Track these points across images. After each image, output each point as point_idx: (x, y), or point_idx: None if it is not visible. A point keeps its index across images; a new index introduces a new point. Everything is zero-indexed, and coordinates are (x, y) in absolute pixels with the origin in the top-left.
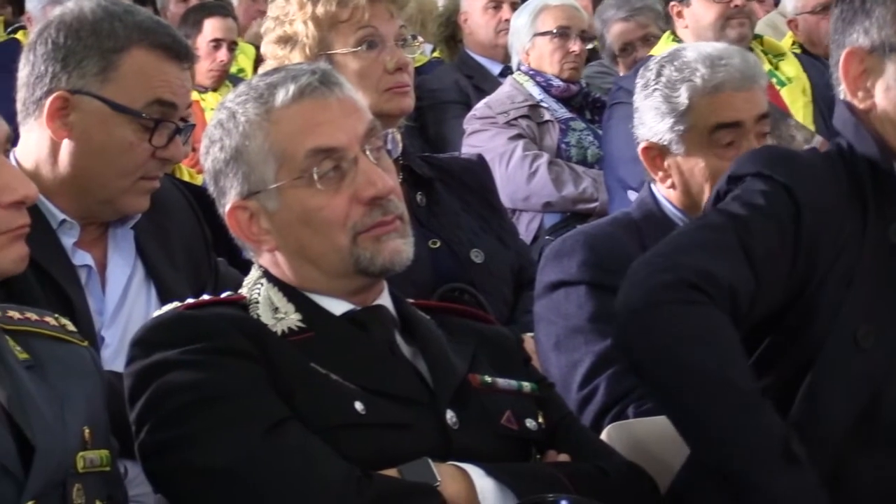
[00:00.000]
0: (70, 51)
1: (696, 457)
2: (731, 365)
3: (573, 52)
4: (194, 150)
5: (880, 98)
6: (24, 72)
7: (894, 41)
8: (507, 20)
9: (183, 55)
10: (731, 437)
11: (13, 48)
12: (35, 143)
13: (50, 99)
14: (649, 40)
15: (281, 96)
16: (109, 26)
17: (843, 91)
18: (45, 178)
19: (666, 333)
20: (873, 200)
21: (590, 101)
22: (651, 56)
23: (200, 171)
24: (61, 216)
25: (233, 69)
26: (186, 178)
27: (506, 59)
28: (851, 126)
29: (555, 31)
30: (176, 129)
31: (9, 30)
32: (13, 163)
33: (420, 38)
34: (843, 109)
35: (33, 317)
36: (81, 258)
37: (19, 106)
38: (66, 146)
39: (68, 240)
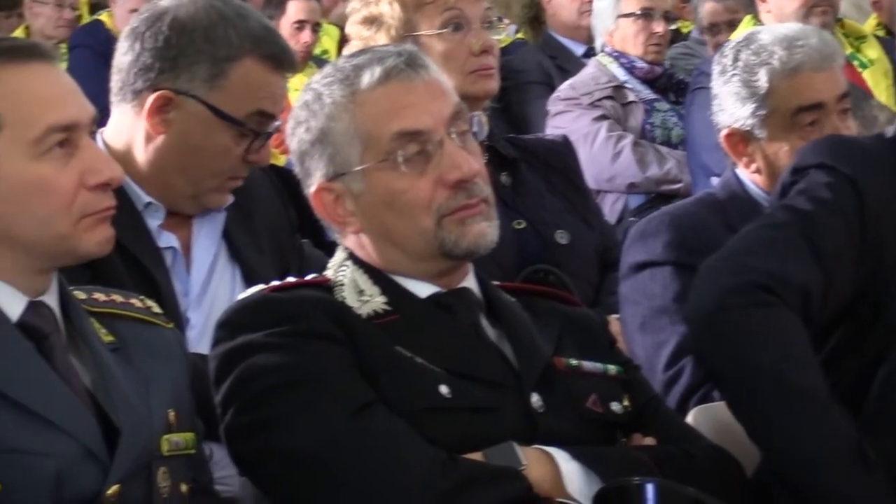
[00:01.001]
0: (182, 52)
1: (769, 464)
2: (801, 368)
3: (657, 33)
4: (279, 131)
5: None
6: (125, 57)
7: None
8: (590, 1)
9: (289, 66)
10: (802, 442)
11: (98, 29)
12: (128, 130)
13: (154, 95)
14: (735, 26)
15: (367, 78)
16: (224, 33)
17: None
18: (133, 163)
19: (736, 338)
20: None
21: (674, 82)
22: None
23: (284, 152)
24: (147, 198)
25: (316, 50)
26: (271, 159)
27: (589, 40)
28: None
29: (638, 12)
30: (267, 135)
31: (93, 10)
32: (100, 143)
33: (505, 20)
34: None
35: (119, 299)
36: (167, 240)
37: (114, 87)
38: (161, 141)
39: (153, 222)
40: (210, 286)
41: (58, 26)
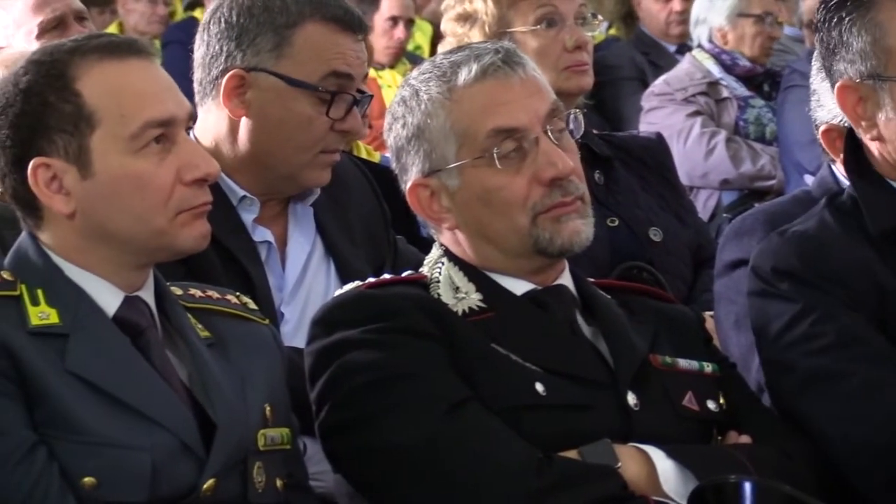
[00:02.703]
0: (243, 29)
1: None
2: None
3: (775, 37)
4: (371, 126)
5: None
6: (199, 52)
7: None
8: (678, 12)
9: (356, 26)
10: None
11: (191, 26)
12: (213, 123)
13: (226, 78)
14: None
15: (464, 75)
16: (281, 2)
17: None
18: (224, 156)
19: None
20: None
21: (769, 75)
22: None
23: (378, 149)
24: (241, 192)
25: (409, 46)
26: (364, 155)
27: (680, 41)
28: None
29: (762, 14)
30: (353, 101)
31: (187, 7)
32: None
33: (600, 17)
34: None
35: (215, 295)
36: (262, 234)
37: (196, 87)
38: (245, 124)
39: (248, 216)
40: (305, 281)
41: (151, 22)
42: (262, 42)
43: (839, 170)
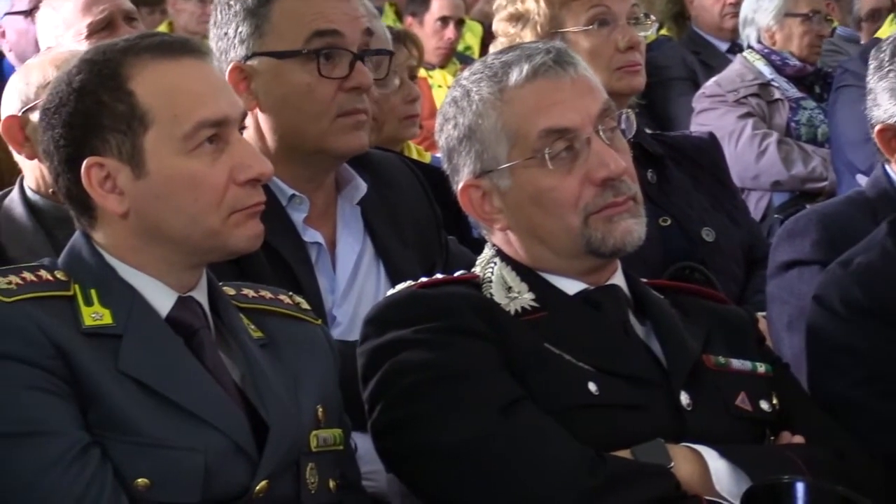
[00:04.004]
0: (227, 23)
1: None
2: None
3: (824, 35)
4: (421, 127)
5: None
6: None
7: None
8: (733, 3)
9: None
10: None
11: None
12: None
13: (226, 76)
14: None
15: (515, 75)
16: None
17: None
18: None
19: None
20: None
21: (821, 76)
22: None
23: (429, 149)
24: (290, 191)
25: (460, 46)
26: (415, 155)
27: (733, 37)
28: None
29: (809, 13)
30: (354, 56)
31: None
32: None
33: (652, 17)
34: None
35: (268, 295)
36: (312, 236)
37: None
38: (261, 115)
39: (298, 216)
40: (356, 283)
41: (201, 22)
42: (244, 29)
43: (893, 170)
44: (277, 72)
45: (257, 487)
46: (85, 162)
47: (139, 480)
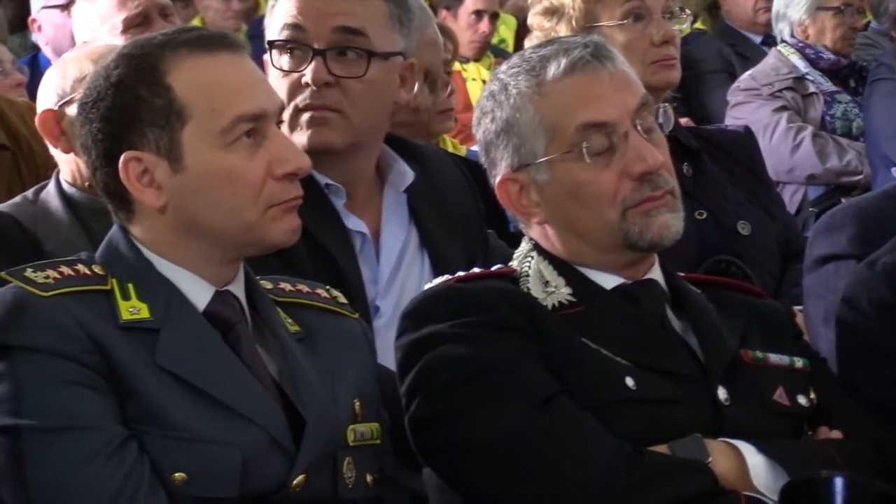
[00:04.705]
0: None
1: None
2: None
3: (857, 28)
4: (456, 120)
5: None
6: None
7: None
8: None
9: None
10: None
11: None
12: None
13: None
14: None
15: (552, 69)
16: None
17: None
18: None
19: None
20: None
21: (856, 69)
22: None
23: (464, 142)
24: (325, 180)
25: (494, 40)
26: (450, 148)
27: (766, 31)
28: None
29: (841, 6)
30: (314, 53)
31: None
32: None
33: (687, 10)
34: None
35: (305, 289)
36: (356, 224)
37: None
38: None
39: (339, 201)
40: (399, 274)
41: (226, 18)
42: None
43: None
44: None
45: (294, 482)
46: (123, 156)
47: (176, 475)
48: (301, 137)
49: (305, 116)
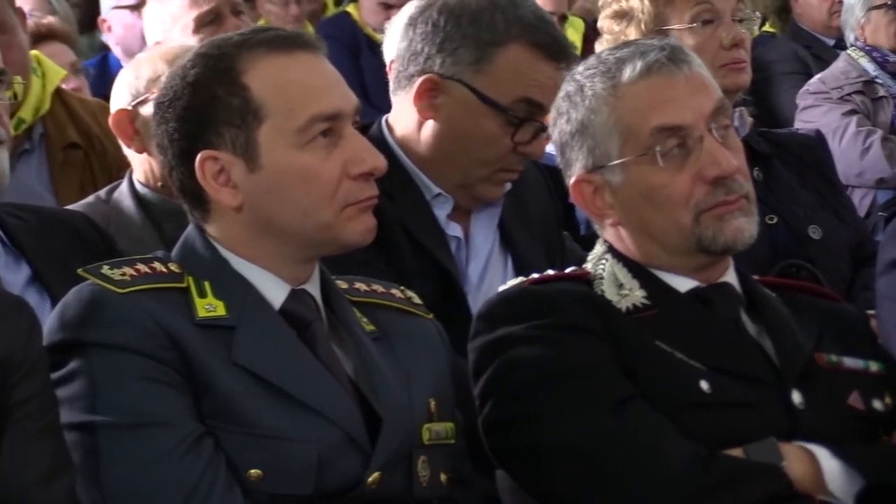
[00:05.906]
0: (448, 36)
1: None
2: None
3: None
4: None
5: None
6: (401, 44)
7: None
8: (841, 1)
9: (561, 56)
10: None
11: (344, 21)
12: (405, 117)
13: (421, 79)
14: None
15: (628, 72)
16: (490, 18)
17: None
18: (413, 151)
19: None
20: None
21: None
22: None
23: None
24: (436, 189)
25: None
26: None
27: (839, 35)
28: None
29: (890, 2)
30: (541, 128)
31: (339, 3)
32: (384, 128)
33: (757, 13)
34: None
35: (379, 289)
36: (453, 230)
37: (392, 76)
38: (430, 127)
39: (441, 213)
40: (486, 275)
41: (286, 22)
42: (464, 53)
43: None
44: (473, 109)
45: (370, 479)
46: (199, 155)
47: (252, 471)
48: (491, 191)
49: (504, 176)
